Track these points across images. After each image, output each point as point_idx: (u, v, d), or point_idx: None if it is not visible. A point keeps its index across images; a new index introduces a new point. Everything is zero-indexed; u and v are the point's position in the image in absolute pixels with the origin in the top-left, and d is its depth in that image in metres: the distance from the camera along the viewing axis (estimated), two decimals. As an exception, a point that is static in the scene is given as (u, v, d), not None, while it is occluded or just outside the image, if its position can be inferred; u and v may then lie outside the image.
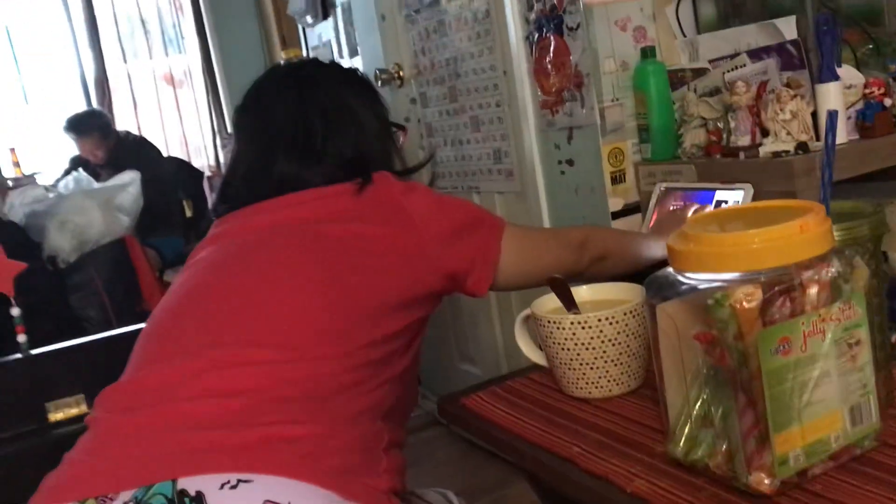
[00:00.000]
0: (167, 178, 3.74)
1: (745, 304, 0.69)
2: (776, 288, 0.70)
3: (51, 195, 2.84)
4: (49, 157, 4.25)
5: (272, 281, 1.01)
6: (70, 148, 3.92)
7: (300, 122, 1.20)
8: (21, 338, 1.95)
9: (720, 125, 1.65)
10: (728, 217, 0.82)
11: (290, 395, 0.91)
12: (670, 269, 0.78)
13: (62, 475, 0.90)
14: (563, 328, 0.96)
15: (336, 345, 0.96)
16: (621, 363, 0.97)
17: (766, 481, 0.71)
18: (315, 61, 1.36)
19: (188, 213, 3.88)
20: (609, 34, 1.77)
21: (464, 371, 2.56)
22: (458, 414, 1.05)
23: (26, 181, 3.61)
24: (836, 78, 1.47)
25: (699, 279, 0.73)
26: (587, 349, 0.96)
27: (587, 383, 0.98)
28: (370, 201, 1.12)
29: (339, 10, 2.90)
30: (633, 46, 1.78)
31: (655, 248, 1.28)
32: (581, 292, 1.06)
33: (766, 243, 0.70)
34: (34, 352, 1.95)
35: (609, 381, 0.97)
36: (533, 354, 1.07)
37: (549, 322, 0.98)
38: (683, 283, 0.75)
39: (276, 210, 1.13)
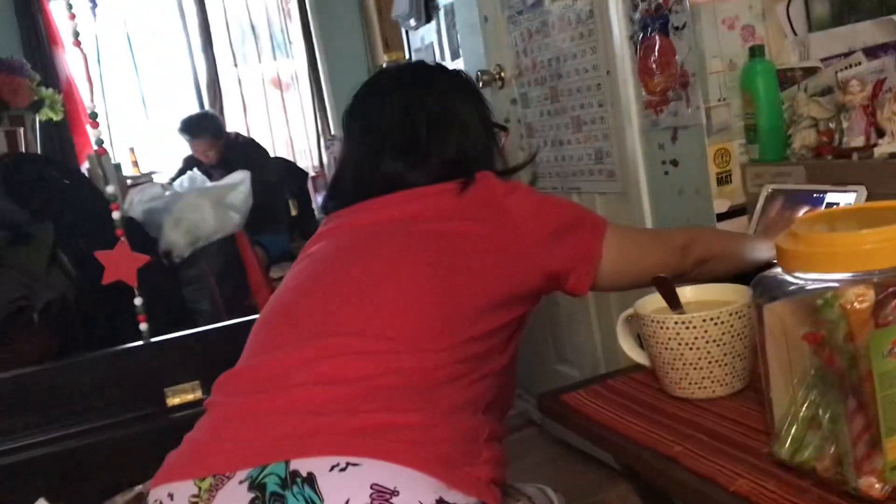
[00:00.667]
0: (274, 178, 3.86)
1: (856, 304, 0.67)
2: (889, 289, 0.68)
3: (167, 193, 2.98)
4: (164, 157, 4.44)
5: (380, 275, 1.05)
6: (184, 149, 4.09)
7: (406, 124, 1.23)
8: (143, 326, 2.07)
9: (832, 125, 1.60)
10: (838, 217, 0.81)
11: (396, 384, 0.94)
12: (779, 270, 0.77)
13: (183, 454, 0.96)
14: (667, 328, 0.96)
15: (440, 339, 0.98)
16: (725, 364, 0.96)
17: (877, 486, 0.70)
18: (421, 63, 1.40)
19: (293, 212, 4.00)
20: (716, 33, 1.74)
21: (560, 372, 2.55)
22: (558, 410, 1.06)
23: (144, 179, 3.80)
24: (959, 76, 1.41)
25: (809, 279, 0.73)
26: (691, 349, 0.96)
27: (690, 383, 0.97)
28: (473, 201, 1.14)
29: (441, 13, 2.94)
30: (741, 45, 1.75)
31: (761, 251, 1.26)
32: (685, 292, 1.05)
33: (879, 244, 0.69)
34: (154, 340, 2.06)
35: (712, 381, 0.97)
36: (635, 354, 1.07)
37: (652, 321, 0.98)
38: (792, 284, 0.74)
39: (382, 208, 1.17)
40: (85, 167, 3.23)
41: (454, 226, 1.11)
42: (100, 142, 2.15)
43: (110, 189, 2.10)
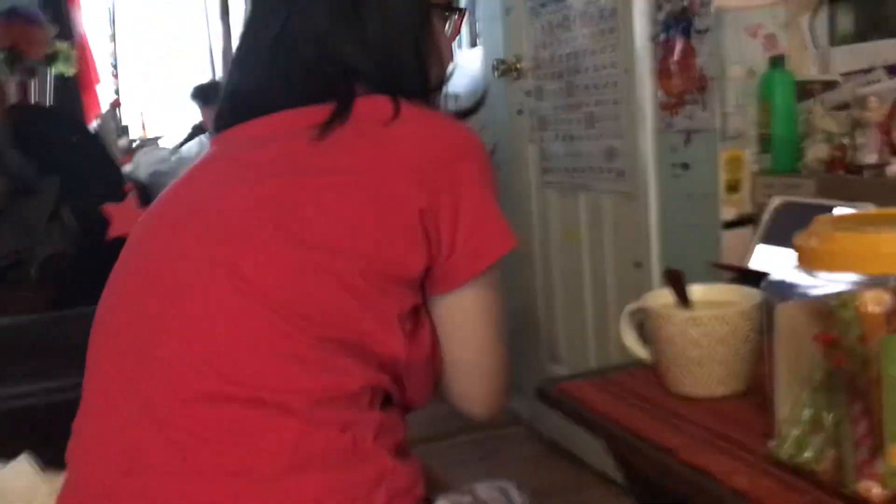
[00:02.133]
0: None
1: (872, 307, 0.68)
2: (906, 295, 0.68)
3: (174, 157, 2.97)
4: (172, 123, 4.43)
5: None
6: (192, 116, 4.08)
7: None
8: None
9: (846, 141, 1.61)
10: (858, 220, 0.81)
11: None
12: (793, 268, 0.77)
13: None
14: (674, 323, 0.96)
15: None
16: (729, 364, 0.96)
17: (876, 490, 0.70)
18: None
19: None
20: (738, 40, 1.74)
21: (553, 371, 2.56)
22: (556, 397, 1.07)
23: (150, 143, 3.79)
24: (979, 100, 1.41)
25: (825, 279, 0.73)
26: (696, 347, 0.96)
27: (692, 381, 0.98)
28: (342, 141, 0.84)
29: (463, 1, 2.94)
30: (762, 54, 1.75)
31: None
32: (694, 291, 1.05)
33: (899, 249, 0.69)
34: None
35: (714, 380, 0.97)
36: (637, 348, 1.07)
37: (659, 315, 0.98)
38: (807, 283, 0.74)
39: (225, 156, 0.90)
40: (94, 126, 3.22)
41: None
42: (117, 92, 2.14)
43: (122, 142, 2.10)
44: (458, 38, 3.03)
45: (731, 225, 1.79)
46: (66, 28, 3.87)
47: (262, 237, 0.81)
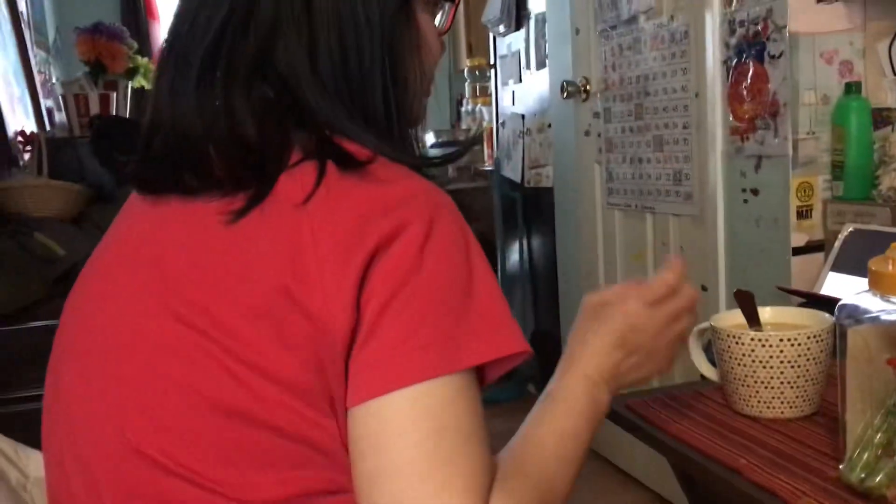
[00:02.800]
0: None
1: (948, 332, 0.67)
2: (984, 322, 0.68)
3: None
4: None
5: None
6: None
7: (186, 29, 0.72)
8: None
9: (923, 170, 1.58)
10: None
11: None
12: (867, 292, 0.77)
13: None
14: (743, 343, 0.96)
15: None
16: (798, 386, 0.96)
17: (948, 517, 0.69)
18: None
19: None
20: (813, 65, 1.73)
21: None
22: (622, 413, 1.07)
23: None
24: None
25: (900, 304, 0.73)
26: (764, 367, 0.96)
27: (759, 402, 0.97)
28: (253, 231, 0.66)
29: (532, 21, 2.96)
30: (838, 80, 1.73)
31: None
32: (764, 312, 1.05)
33: (979, 275, 0.69)
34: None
35: (782, 402, 0.96)
36: (705, 368, 1.07)
37: (728, 335, 0.98)
38: (880, 307, 0.74)
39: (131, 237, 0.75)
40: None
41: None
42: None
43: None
44: (527, 59, 3.07)
45: (800, 251, 1.77)
46: (145, 43, 4.02)
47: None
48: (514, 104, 3.19)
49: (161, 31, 4.20)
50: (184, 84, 0.71)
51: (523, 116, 3.09)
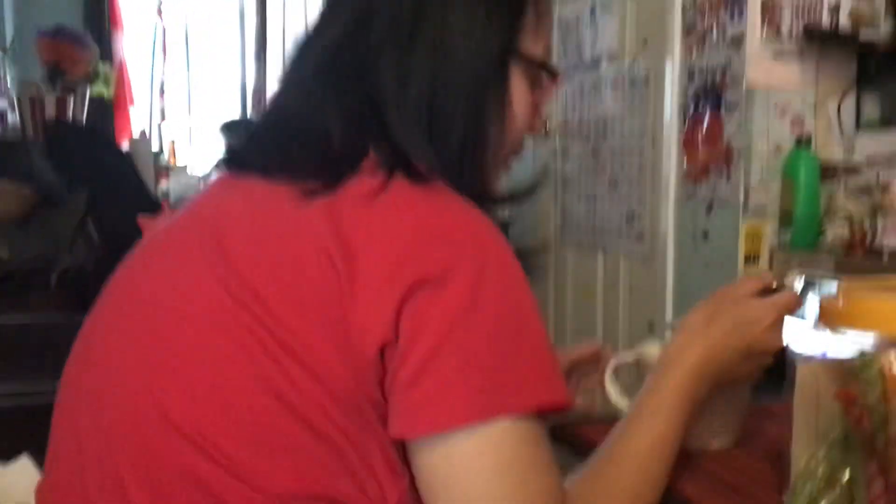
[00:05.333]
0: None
1: (895, 368, 0.70)
2: (928, 360, 0.71)
3: (201, 185, 3.03)
4: (200, 155, 4.51)
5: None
6: (220, 149, 4.14)
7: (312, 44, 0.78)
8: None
9: (866, 224, 1.64)
10: (882, 285, 0.84)
11: None
12: (817, 325, 0.80)
13: None
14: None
15: None
16: (720, 413, 0.97)
17: (887, 549, 0.71)
18: None
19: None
20: (766, 117, 1.79)
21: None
22: (569, 439, 1.08)
23: (179, 171, 3.86)
24: None
25: (847, 338, 0.75)
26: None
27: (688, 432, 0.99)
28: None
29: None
30: (789, 133, 1.80)
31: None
32: None
33: (925, 314, 0.72)
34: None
35: (709, 432, 0.97)
36: (619, 401, 1.05)
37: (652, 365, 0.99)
38: (831, 341, 0.77)
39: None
40: (126, 146, 3.28)
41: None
42: (163, 112, 2.20)
43: (163, 158, 2.15)
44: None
45: (746, 296, 1.81)
46: (107, 49, 3.98)
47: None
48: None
49: (124, 40, 4.16)
50: (294, 82, 0.77)
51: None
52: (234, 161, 0.78)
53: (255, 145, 0.78)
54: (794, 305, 0.82)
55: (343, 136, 0.72)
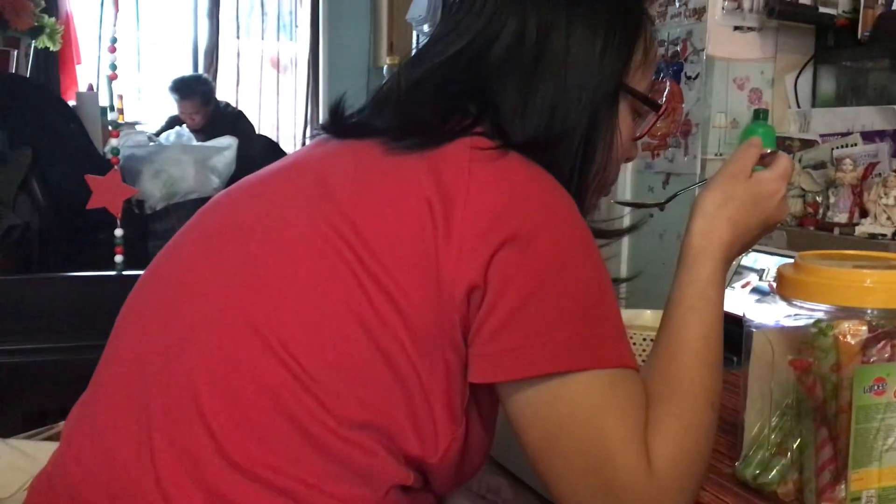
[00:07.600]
0: (256, 154, 3.85)
1: (849, 337, 0.71)
2: (881, 329, 0.71)
3: (150, 144, 2.95)
4: (149, 114, 4.40)
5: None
6: (169, 108, 4.06)
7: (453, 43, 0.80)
8: (118, 258, 2.04)
9: (819, 199, 1.66)
10: (839, 256, 0.84)
11: None
12: (774, 295, 0.80)
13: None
14: (636, 343, 0.99)
15: None
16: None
17: (835, 514, 0.72)
18: None
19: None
20: (725, 90, 1.80)
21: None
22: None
23: (126, 128, 3.76)
24: (950, 171, 1.47)
25: (806, 308, 0.76)
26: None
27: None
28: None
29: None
30: (747, 106, 1.81)
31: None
32: (646, 316, 1.08)
33: (880, 283, 0.72)
34: (126, 273, 2.04)
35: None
36: None
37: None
38: (787, 311, 0.77)
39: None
40: (72, 102, 3.18)
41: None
42: (113, 66, 2.13)
43: (111, 115, 2.09)
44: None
45: (699, 268, 1.83)
46: (52, 3, 3.84)
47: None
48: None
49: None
50: (407, 76, 0.81)
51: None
52: (340, 132, 0.81)
53: (362, 118, 0.82)
54: (792, 170, 0.85)
55: (448, 120, 0.76)
